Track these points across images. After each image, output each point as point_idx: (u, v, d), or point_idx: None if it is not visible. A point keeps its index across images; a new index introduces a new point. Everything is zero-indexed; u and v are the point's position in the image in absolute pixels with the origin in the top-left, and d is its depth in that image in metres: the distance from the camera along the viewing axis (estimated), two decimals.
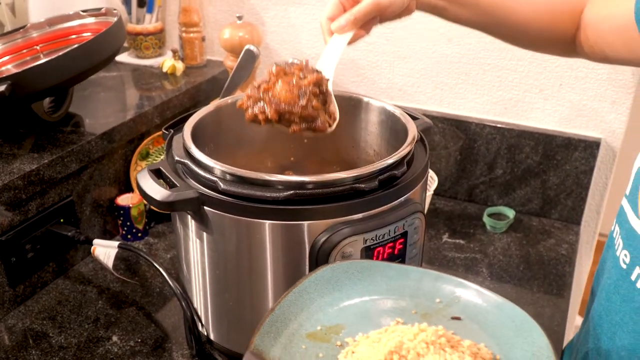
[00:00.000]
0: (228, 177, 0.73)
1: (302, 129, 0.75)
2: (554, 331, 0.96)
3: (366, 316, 0.65)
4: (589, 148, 1.17)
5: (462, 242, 1.18)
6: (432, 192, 1.19)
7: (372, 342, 0.60)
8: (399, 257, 0.77)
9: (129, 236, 1.15)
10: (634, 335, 0.63)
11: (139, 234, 1.15)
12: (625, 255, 0.65)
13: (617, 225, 0.70)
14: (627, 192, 0.68)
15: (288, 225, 0.72)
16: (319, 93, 0.75)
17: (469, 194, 1.30)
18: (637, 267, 0.63)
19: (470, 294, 0.66)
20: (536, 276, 1.09)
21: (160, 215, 1.20)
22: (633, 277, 0.63)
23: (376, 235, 0.72)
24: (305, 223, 0.71)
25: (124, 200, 1.13)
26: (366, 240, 0.72)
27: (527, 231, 1.22)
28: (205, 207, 0.73)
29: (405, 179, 0.76)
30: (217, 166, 0.73)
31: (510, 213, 1.24)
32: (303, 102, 0.73)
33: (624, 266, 0.65)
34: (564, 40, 0.83)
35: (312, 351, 0.60)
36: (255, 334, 0.59)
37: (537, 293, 1.05)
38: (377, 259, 0.75)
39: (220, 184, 0.72)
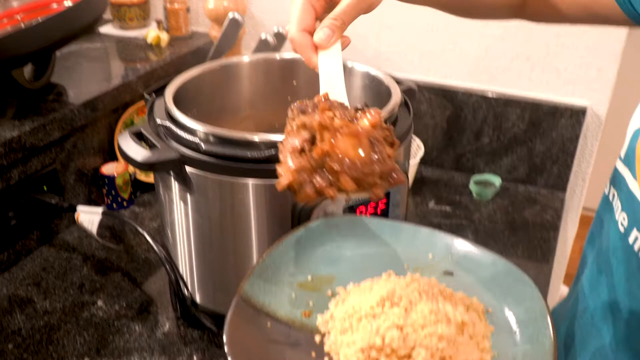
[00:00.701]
0: (210, 138, 0.72)
1: (384, 189, 0.54)
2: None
3: (358, 268, 0.64)
4: (575, 115, 1.17)
5: (448, 209, 1.18)
6: (418, 160, 1.19)
7: (363, 291, 0.60)
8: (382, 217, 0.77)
9: (114, 205, 1.14)
10: (630, 297, 0.64)
11: (125, 203, 1.14)
12: (624, 218, 0.65)
13: (612, 188, 0.70)
14: (622, 155, 0.68)
15: (271, 184, 0.71)
16: (389, 135, 0.55)
17: (456, 163, 1.30)
18: (635, 230, 0.63)
19: (464, 250, 0.65)
20: (521, 241, 1.10)
21: (145, 185, 1.19)
22: (631, 240, 0.63)
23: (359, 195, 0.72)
24: None
25: (108, 169, 1.12)
26: (348, 200, 0.72)
27: (512, 198, 1.22)
28: (187, 168, 0.73)
29: None
30: (199, 127, 0.73)
31: (497, 181, 1.25)
32: (377, 155, 0.53)
33: (622, 229, 0.65)
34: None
35: (302, 299, 0.60)
36: (245, 281, 0.58)
37: (522, 258, 1.06)
38: None
39: (202, 144, 0.71)
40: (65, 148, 1.06)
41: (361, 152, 0.51)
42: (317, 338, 0.56)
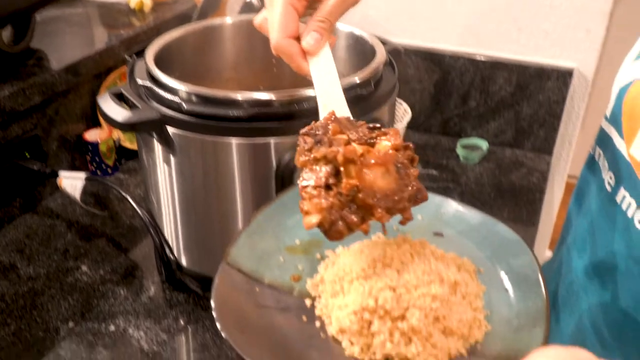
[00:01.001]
0: (192, 97, 0.71)
1: (411, 210, 0.53)
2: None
3: None
4: (562, 77, 1.17)
5: (435, 172, 1.18)
6: (405, 124, 1.18)
7: (353, 253, 0.58)
8: None
9: (98, 172, 1.13)
10: (617, 255, 0.64)
11: (109, 170, 1.13)
12: (610, 177, 0.65)
13: (598, 148, 0.70)
14: (608, 114, 0.67)
15: (254, 143, 0.71)
16: (410, 154, 0.53)
17: (443, 127, 1.30)
18: (622, 189, 0.63)
19: (453, 210, 0.64)
20: (507, 204, 1.10)
21: (130, 152, 1.18)
22: (618, 199, 0.63)
23: None
24: (272, 141, 0.71)
25: (92, 135, 1.11)
26: None
27: (499, 162, 1.22)
28: (169, 128, 0.72)
29: (371, 98, 0.75)
30: (180, 87, 0.72)
31: (484, 144, 1.24)
32: (405, 179, 0.51)
33: (609, 188, 0.65)
34: None
35: (290, 263, 0.59)
36: (232, 245, 0.57)
37: (508, 220, 1.05)
38: None
39: (184, 104, 0.70)
40: (47, 114, 1.05)
41: (390, 180, 0.50)
42: (308, 302, 0.55)
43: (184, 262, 0.86)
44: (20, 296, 0.87)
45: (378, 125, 0.54)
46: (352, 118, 0.56)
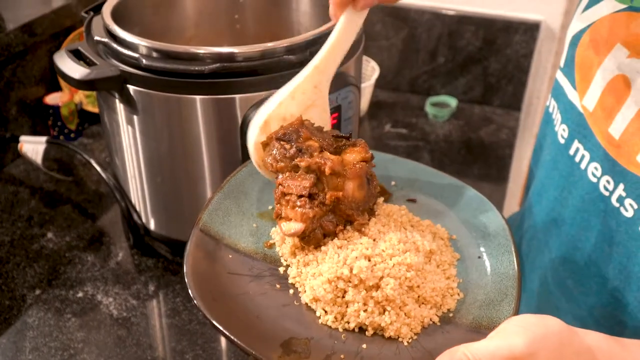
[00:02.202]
0: (152, 53, 0.69)
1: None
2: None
3: None
4: (529, 30, 1.16)
5: (404, 131, 1.17)
6: (373, 82, 1.17)
7: None
8: None
9: (61, 137, 1.10)
10: (572, 209, 0.63)
11: (72, 135, 1.10)
12: (564, 129, 0.64)
13: (552, 99, 0.68)
14: (562, 64, 0.66)
15: (218, 99, 0.69)
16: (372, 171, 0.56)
17: (412, 85, 1.29)
18: (575, 141, 0.62)
19: (426, 176, 0.64)
20: (477, 160, 1.10)
21: (93, 117, 1.15)
22: (571, 152, 0.62)
23: None
24: (237, 97, 0.69)
25: (52, 99, 1.07)
26: None
27: (468, 119, 1.22)
28: (129, 86, 0.70)
29: None
30: (139, 42, 0.69)
31: (453, 102, 1.24)
32: (373, 188, 0.56)
33: (562, 141, 0.64)
34: None
35: (264, 230, 0.58)
36: (204, 211, 0.56)
37: (478, 177, 1.06)
38: None
39: (143, 60, 0.68)
40: (3, 76, 1.01)
41: (363, 191, 0.53)
42: (281, 269, 0.54)
43: (152, 226, 0.84)
44: None
45: (343, 134, 0.56)
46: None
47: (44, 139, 0.93)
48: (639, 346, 0.48)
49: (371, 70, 1.19)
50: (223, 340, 0.75)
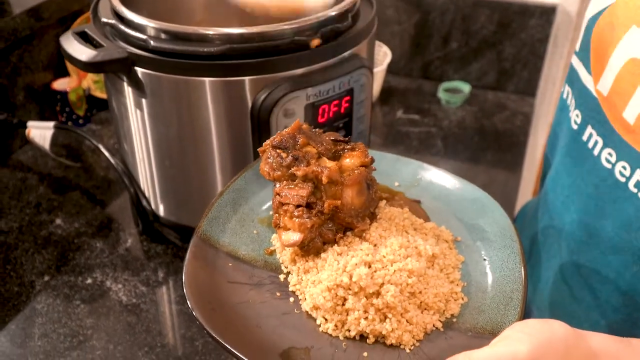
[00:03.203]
0: (160, 34, 0.67)
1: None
2: (508, 198, 0.96)
3: None
4: (545, 14, 1.14)
5: (416, 117, 1.15)
6: (385, 67, 1.15)
7: None
8: (346, 117, 0.74)
9: (69, 123, 1.09)
10: (586, 197, 0.61)
11: (80, 121, 1.09)
12: (577, 115, 0.62)
13: (567, 85, 0.67)
14: (577, 48, 0.64)
15: (227, 81, 0.68)
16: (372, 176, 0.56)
17: (424, 71, 1.27)
18: (589, 127, 0.60)
19: (430, 176, 0.62)
20: (490, 147, 1.08)
21: (102, 102, 1.14)
22: (584, 138, 0.61)
23: (319, 91, 0.69)
24: (246, 79, 0.67)
25: (60, 84, 1.06)
26: (309, 97, 0.68)
27: (482, 104, 1.20)
28: (137, 69, 0.69)
29: (349, 33, 0.72)
30: (147, 23, 0.68)
31: (466, 87, 1.22)
32: (373, 193, 0.55)
33: (575, 127, 0.63)
34: None
35: (264, 236, 0.57)
36: (204, 219, 0.55)
37: (491, 164, 1.04)
38: (323, 118, 0.72)
39: (151, 41, 0.67)
40: (10, 61, 1.00)
41: (362, 198, 0.53)
42: (282, 277, 0.53)
43: (161, 212, 0.83)
44: None
45: (342, 138, 0.55)
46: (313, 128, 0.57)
47: (51, 124, 0.92)
48: None
49: (383, 55, 1.17)
50: None
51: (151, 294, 0.78)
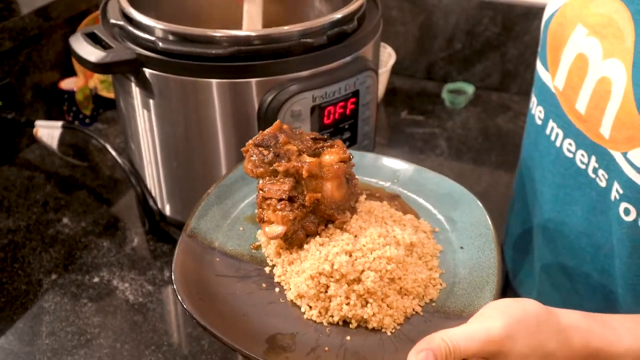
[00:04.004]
0: (168, 36, 0.68)
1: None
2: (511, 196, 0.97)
3: None
4: None
5: (420, 118, 1.16)
6: (389, 68, 1.15)
7: None
8: (351, 118, 0.75)
9: (76, 122, 1.10)
10: (553, 187, 0.65)
11: (87, 120, 1.10)
12: (540, 111, 0.67)
13: (534, 84, 0.71)
14: (539, 49, 0.68)
15: (235, 83, 0.68)
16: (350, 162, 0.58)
17: (428, 71, 1.27)
18: (550, 121, 0.64)
19: (409, 172, 0.65)
20: (494, 147, 1.08)
21: (108, 102, 1.14)
22: (548, 132, 0.65)
23: (326, 93, 0.70)
24: (253, 81, 0.68)
25: (67, 84, 1.07)
26: (315, 98, 0.69)
27: (486, 105, 1.20)
28: (145, 70, 0.69)
29: (355, 36, 0.72)
30: (156, 25, 0.68)
31: (470, 89, 1.22)
32: (352, 187, 0.57)
33: (539, 122, 0.67)
34: None
35: (250, 232, 0.59)
36: (191, 217, 0.58)
37: (495, 164, 1.05)
38: (329, 120, 0.72)
39: (160, 43, 0.67)
40: (18, 60, 1.01)
41: (342, 191, 0.55)
42: (267, 269, 0.56)
43: (167, 211, 0.84)
44: (0, 249, 0.85)
45: (321, 137, 0.57)
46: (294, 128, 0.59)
47: (59, 123, 0.93)
48: (620, 321, 0.49)
49: (387, 57, 1.18)
50: None
51: (157, 293, 0.79)
